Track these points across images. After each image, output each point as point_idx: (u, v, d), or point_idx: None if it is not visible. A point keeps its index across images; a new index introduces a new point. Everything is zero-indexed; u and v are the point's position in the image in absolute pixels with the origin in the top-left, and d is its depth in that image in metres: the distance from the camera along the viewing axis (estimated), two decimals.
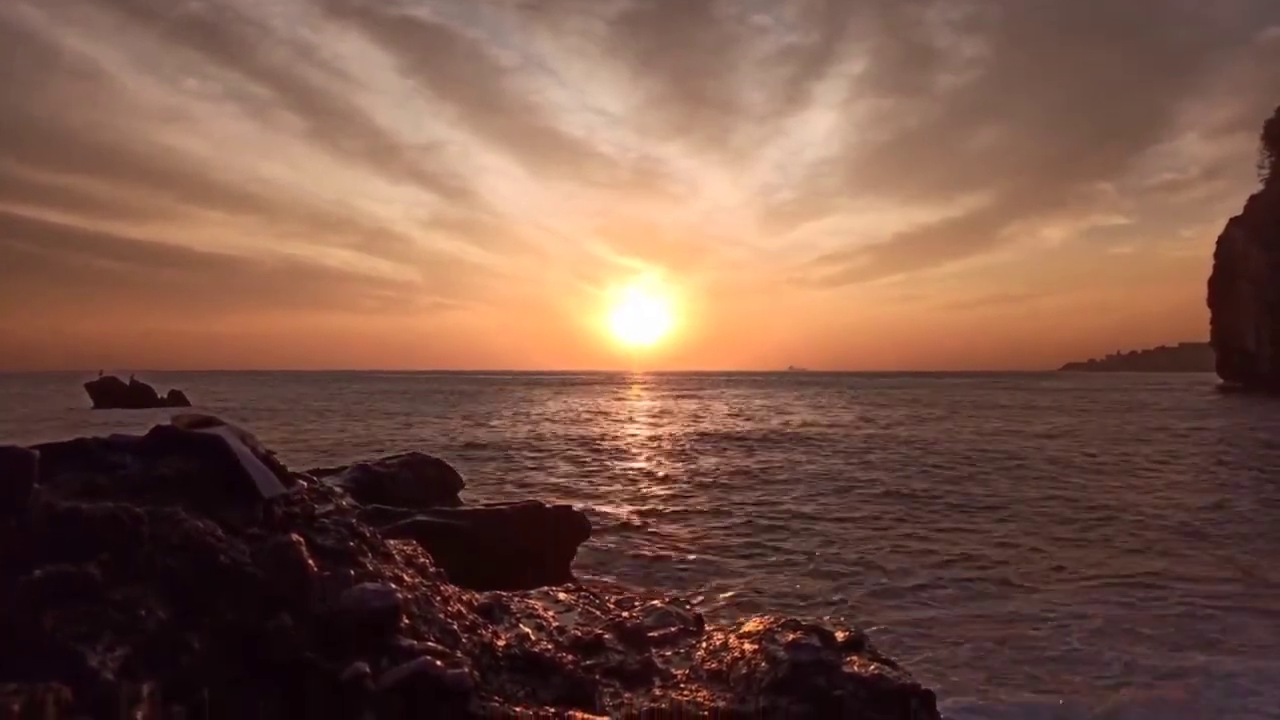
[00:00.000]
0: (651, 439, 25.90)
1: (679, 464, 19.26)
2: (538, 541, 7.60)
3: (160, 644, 1.62)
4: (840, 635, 2.84)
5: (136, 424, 2.68)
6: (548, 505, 8.63)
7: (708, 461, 19.73)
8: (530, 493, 14.31)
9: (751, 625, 3.00)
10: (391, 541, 2.75)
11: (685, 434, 27.66)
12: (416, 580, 2.51)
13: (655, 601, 3.34)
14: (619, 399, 61.03)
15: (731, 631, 3.04)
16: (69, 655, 1.47)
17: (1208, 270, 75.92)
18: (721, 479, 16.41)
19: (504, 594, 3.05)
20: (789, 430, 29.23)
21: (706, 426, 31.26)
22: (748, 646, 2.77)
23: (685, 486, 15.34)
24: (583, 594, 3.36)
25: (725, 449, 22.77)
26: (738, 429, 29.79)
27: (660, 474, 17.31)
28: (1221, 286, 73.18)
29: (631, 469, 18.36)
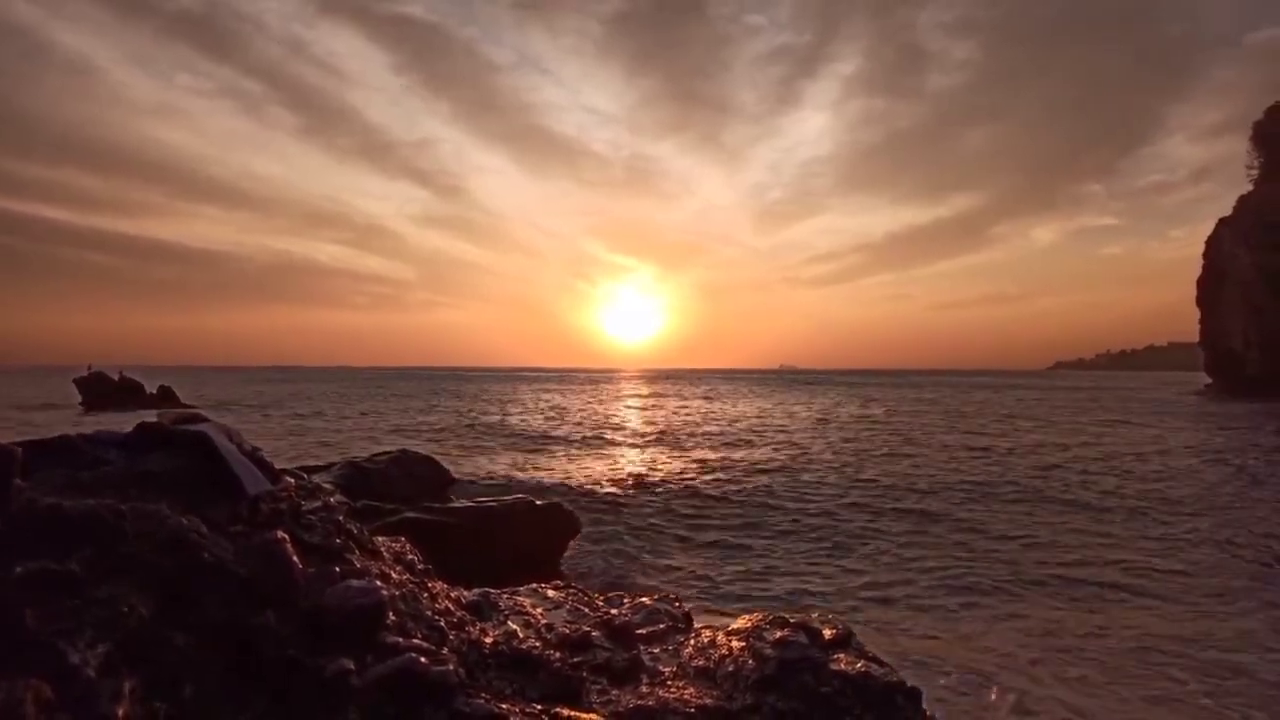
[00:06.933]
0: (642, 436, 25.90)
1: (669, 461, 19.27)
2: (528, 538, 7.61)
3: (143, 641, 1.61)
4: (827, 632, 2.85)
5: (124, 420, 2.66)
6: (538, 502, 8.63)
7: (697, 458, 19.75)
8: (521, 489, 14.30)
9: (739, 622, 3.00)
10: (380, 538, 2.74)
11: (675, 431, 27.69)
12: (404, 577, 2.50)
13: (644, 599, 3.33)
14: (611, 396, 61.05)
15: (720, 629, 3.04)
16: (50, 652, 1.46)
17: (1196, 271, 76.40)
18: (710, 476, 16.44)
19: (492, 591, 3.04)
20: (772, 427, 29.30)
21: (695, 424, 31.30)
22: (735, 644, 2.78)
23: (675, 484, 15.36)
24: (571, 591, 3.35)
25: (712, 446, 22.79)
26: (723, 427, 29.82)
27: (650, 471, 17.31)
28: (1210, 287, 73.63)
29: (622, 466, 18.36)
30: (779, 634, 2.77)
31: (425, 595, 2.49)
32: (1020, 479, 15.98)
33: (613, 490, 14.59)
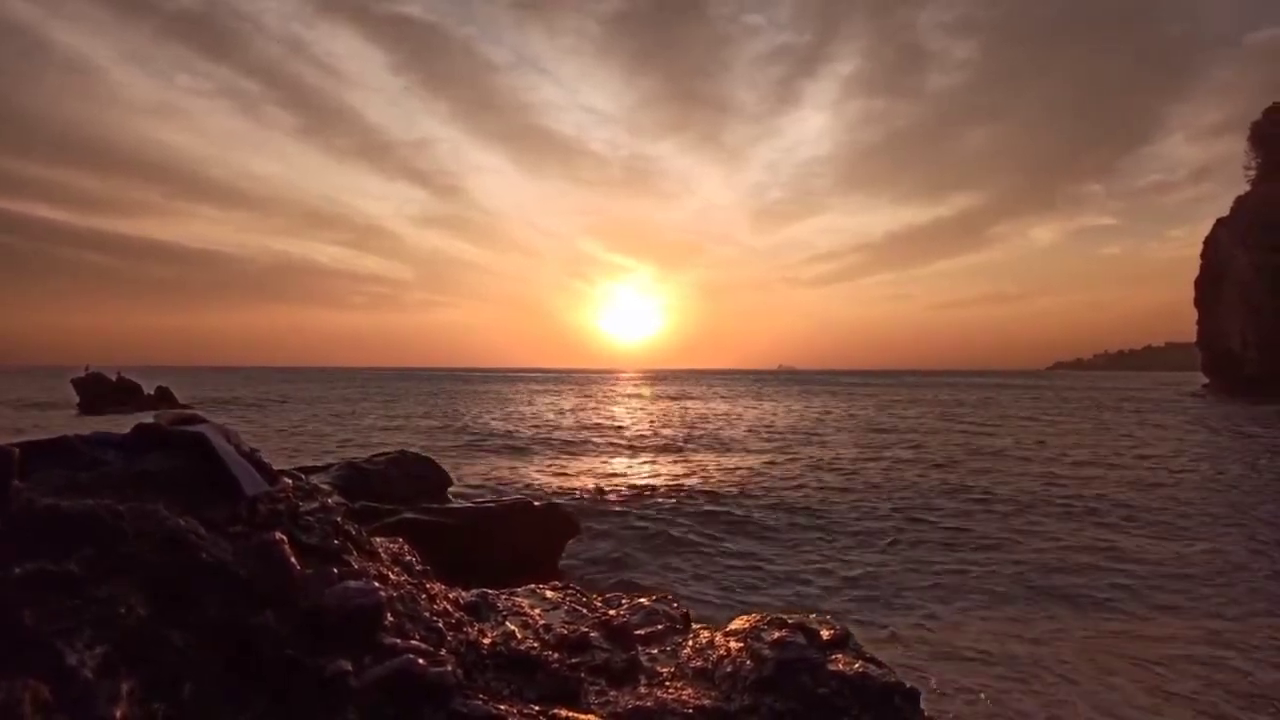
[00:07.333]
0: (640, 437, 25.90)
1: (667, 462, 19.28)
2: (526, 539, 7.61)
3: (141, 641, 1.61)
4: (825, 633, 2.85)
5: (122, 421, 2.67)
6: (536, 503, 8.63)
7: (695, 459, 19.76)
8: (518, 490, 14.29)
9: (737, 623, 3.01)
10: (378, 539, 2.74)
11: (673, 432, 27.69)
12: (402, 578, 2.50)
13: (642, 599, 3.34)
14: (609, 397, 61.04)
15: (718, 629, 3.04)
16: (48, 652, 1.46)
17: (1195, 271, 76.49)
18: (708, 477, 16.44)
19: (490, 592, 3.05)
20: (770, 428, 29.31)
21: (693, 425, 31.31)
22: (733, 644, 2.78)
23: (673, 485, 15.35)
24: (570, 591, 3.36)
25: (709, 447, 22.80)
26: (720, 428, 29.83)
27: (648, 473, 17.31)
28: (1207, 287, 73.71)
29: (620, 467, 18.36)
30: (777, 635, 2.78)
31: (423, 596, 2.49)
32: (1019, 481, 16.00)
33: (611, 491, 14.59)
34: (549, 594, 3.26)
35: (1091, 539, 10.62)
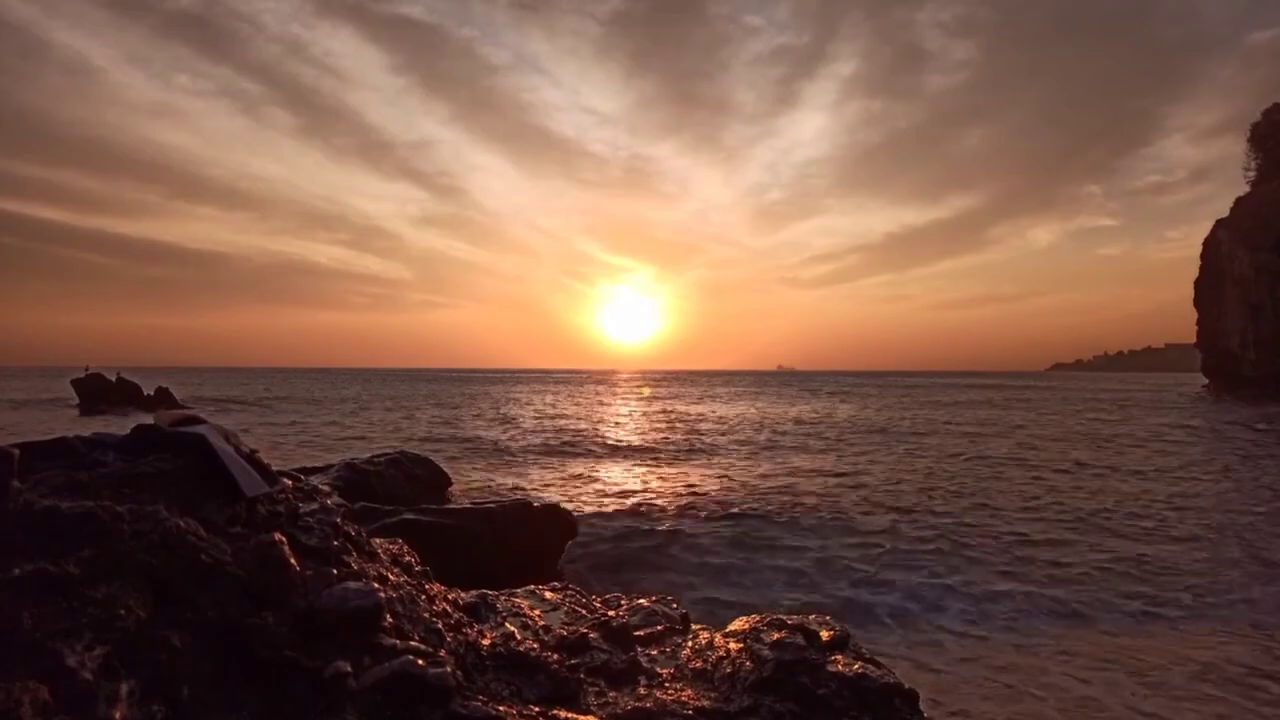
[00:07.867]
0: (639, 438, 25.89)
1: (666, 463, 19.27)
2: (525, 540, 7.61)
3: (140, 642, 1.61)
4: (825, 634, 2.85)
5: (121, 422, 2.67)
6: (535, 504, 8.64)
7: (695, 460, 19.76)
8: (518, 491, 14.29)
9: (737, 624, 3.01)
10: (377, 540, 2.74)
11: (672, 433, 27.69)
12: (401, 579, 2.50)
13: (641, 600, 3.34)
14: (608, 398, 61.04)
15: (717, 630, 3.04)
16: (47, 654, 1.46)
17: (1194, 272, 76.57)
18: (708, 478, 16.45)
19: (490, 592, 3.05)
20: (768, 429, 29.31)
21: (692, 426, 31.31)
22: (733, 645, 2.78)
23: (673, 486, 15.35)
24: (569, 592, 3.36)
25: (709, 448, 22.79)
26: (719, 429, 29.83)
27: (647, 473, 17.31)
28: (1207, 288, 73.79)
29: (619, 468, 18.36)
30: (776, 635, 2.78)
31: (423, 597, 2.49)
32: (1018, 484, 16.00)
33: (610, 491, 14.58)
34: (548, 595, 3.26)
35: (1092, 542, 10.63)
